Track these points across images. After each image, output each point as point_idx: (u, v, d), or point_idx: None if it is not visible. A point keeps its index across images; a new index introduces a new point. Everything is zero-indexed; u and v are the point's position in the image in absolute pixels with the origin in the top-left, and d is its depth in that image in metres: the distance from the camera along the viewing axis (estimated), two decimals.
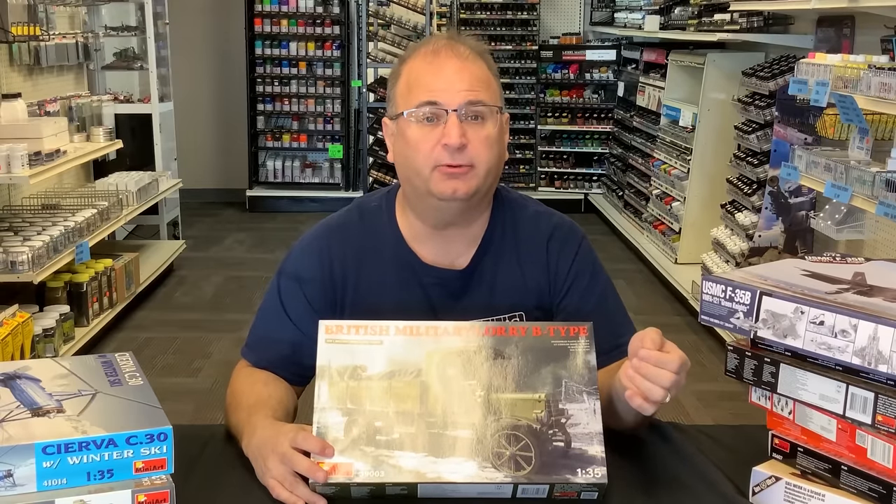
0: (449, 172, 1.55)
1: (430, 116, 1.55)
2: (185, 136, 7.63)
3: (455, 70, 1.56)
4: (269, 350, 1.67)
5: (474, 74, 1.57)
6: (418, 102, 1.55)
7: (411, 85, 1.58)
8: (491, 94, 1.58)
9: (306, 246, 1.71)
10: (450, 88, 1.54)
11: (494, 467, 1.34)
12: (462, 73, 1.56)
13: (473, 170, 1.55)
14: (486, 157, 1.56)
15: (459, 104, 1.54)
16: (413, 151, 1.56)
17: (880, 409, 1.19)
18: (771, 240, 4.80)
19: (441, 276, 1.66)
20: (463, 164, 1.54)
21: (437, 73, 1.56)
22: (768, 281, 1.34)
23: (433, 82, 1.56)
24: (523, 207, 1.72)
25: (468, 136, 1.53)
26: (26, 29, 4.91)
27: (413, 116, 1.56)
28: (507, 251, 1.67)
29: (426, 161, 1.55)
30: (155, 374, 4.40)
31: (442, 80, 1.55)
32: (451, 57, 1.57)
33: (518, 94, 8.72)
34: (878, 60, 3.31)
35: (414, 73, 1.59)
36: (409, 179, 1.61)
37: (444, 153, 1.53)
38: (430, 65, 1.58)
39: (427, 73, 1.57)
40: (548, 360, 1.43)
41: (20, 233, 4.39)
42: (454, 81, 1.55)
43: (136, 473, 1.15)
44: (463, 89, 1.54)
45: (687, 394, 4.30)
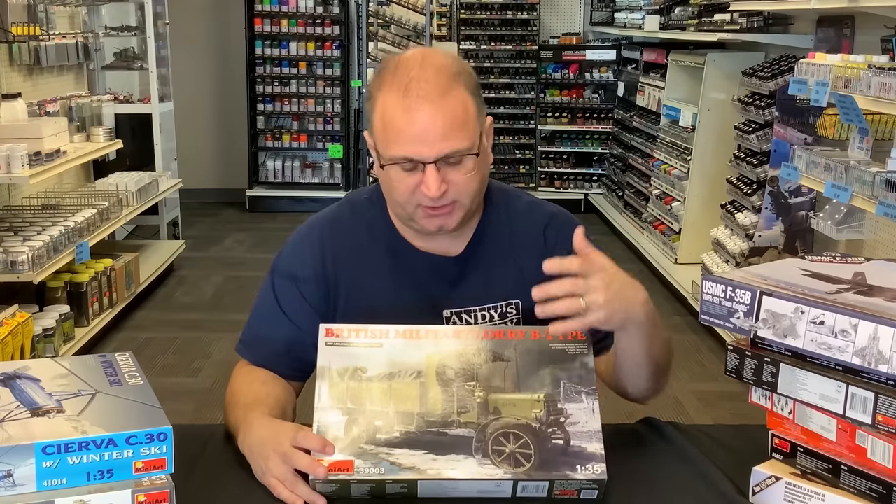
0: (433, 213, 1.55)
1: (408, 168, 1.52)
2: (185, 136, 7.63)
3: (428, 119, 1.48)
4: (265, 347, 1.68)
5: (447, 119, 1.49)
6: (395, 157, 1.51)
7: (386, 129, 1.51)
8: (467, 133, 1.51)
9: (299, 242, 1.71)
10: (425, 140, 1.48)
11: (494, 464, 1.34)
12: (435, 121, 1.48)
13: (457, 203, 1.55)
14: (468, 191, 1.55)
15: (435, 157, 1.49)
16: (394, 191, 1.55)
17: (880, 409, 1.19)
18: (771, 240, 4.80)
19: (435, 263, 1.66)
20: (445, 204, 1.54)
21: (409, 124, 1.48)
22: (768, 281, 1.34)
23: (407, 133, 1.49)
24: (517, 199, 1.73)
25: (448, 178, 1.51)
26: (26, 29, 4.91)
27: (391, 166, 1.53)
28: (502, 241, 1.68)
29: (408, 200, 1.54)
30: (155, 374, 4.40)
31: (416, 132, 1.48)
32: (423, 102, 1.48)
33: (518, 94, 8.72)
34: (878, 60, 3.31)
35: (388, 116, 1.51)
36: (392, 207, 1.63)
37: (426, 197, 1.52)
38: (402, 112, 1.49)
39: (400, 121, 1.49)
40: (546, 362, 1.44)
41: (20, 233, 4.39)
42: (428, 133, 1.48)
43: (135, 473, 1.15)
44: (437, 138, 1.48)
45: (687, 394, 4.31)
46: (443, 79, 1.50)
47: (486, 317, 1.65)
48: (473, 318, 1.65)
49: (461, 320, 1.65)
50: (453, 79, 1.51)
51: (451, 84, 1.51)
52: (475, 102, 1.54)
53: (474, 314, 1.65)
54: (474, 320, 1.65)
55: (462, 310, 1.65)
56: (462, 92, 1.52)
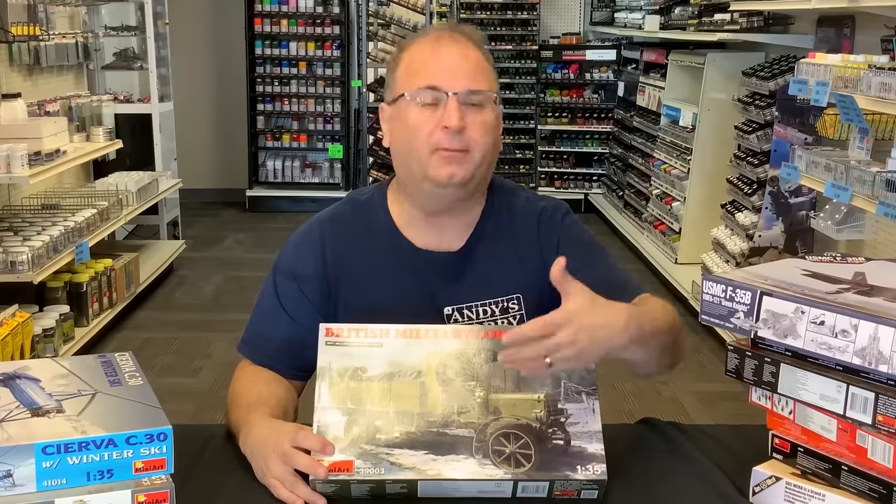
0: (447, 156, 1.56)
1: (430, 100, 1.56)
2: (185, 136, 7.63)
3: (457, 56, 1.59)
4: (267, 346, 1.68)
5: (474, 62, 1.60)
6: (420, 86, 1.57)
7: (412, 70, 1.60)
8: (489, 82, 1.61)
9: (300, 241, 1.72)
10: (451, 74, 1.57)
11: (494, 464, 1.34)
12: (463, 61, 1.59)
13: (469, 155, 1.57)
14: (483, 143, 1.58)
15: (460, 89, 1.56)
16: (412, 134, 1.58)
17: (881, 409, 1.19)
18: (771, 240, 4.80)
19: (435, 259, 1.66)
20: (460, 147, 1.56)
21: (438, 59, 1.59)
22: (768, 281, 1.34)
23: (435, 67, 1.58)
24: (516, 195, 1.74)
25: (466, 120, 1.56)
26: (26, 29, 4.92)
27: (414, 99, 1.58)
28: (502, 237, 1.68)
29: (425, 144, 1.56)
30: (155, 374, 4.40)
31: (443, 66, 1.58)
32: (453, 44, 1.60)
33: (518, 94, 8.72)
34: (878, 60, 3.31)
35: (416, 59, 1.61)
36: (406, 163, 1.62)
37: (443, 136, 1.55)
38: (432, 51, 1.60)
39: (429, 58, 1.60)
40: None
41: (20, 233, 4.39)
42: (455, 67, 1.58)
43: (135, 473, 1.15)
44: (464, 76, 1.57)
45: (687, 394, 4.31)
46: (472, 40, 1.63)
47: (487, 312, 1.65)
48: (475, 314, 1.65)
49: (462, 316, 1.65)
50: (478, 45, 1.64)
51: (477, 47, 1.63)
52: (494, 74, 1.64)
53: (475, 309, 1.65)
54: (475, 316, 1.65)
55: (463, 305, 1.65)
56: (485, 58, 1.63)
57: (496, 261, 1.67)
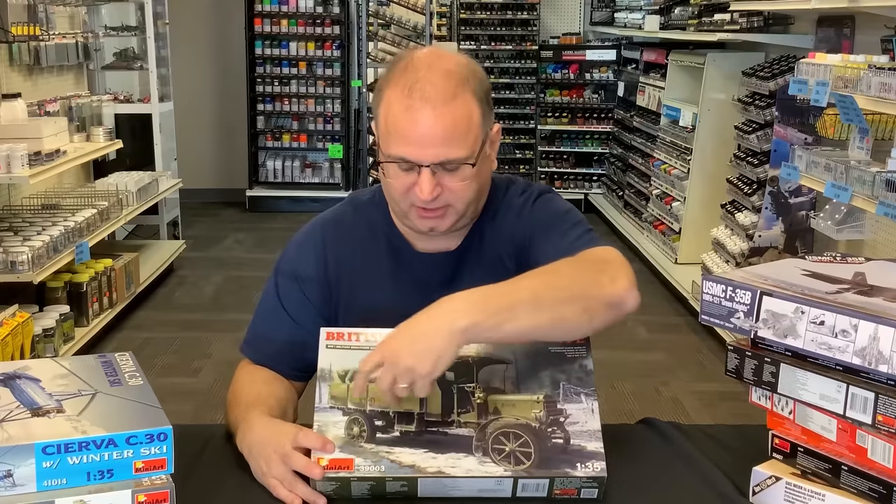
0: (426, 215, 1.56)
1: (404, 168, 1.52)
2: (185, 136, 7.63)
3: (428, 123, 1.47)
4: (268, 347, 1.68)
5: (448, 126, 1.48)
6: (393, 155, 1.51)
7: (388, 127, 1.52)
8: (466, 142, 1.50)
9: (302, 242, 1.72)
10: (422, 143, 1.48)
11: (494, 462, 1.35)
12: (434, 127, 1.47)
13: (451, 208, 1.56)
14: (463, 197, 1.55)
15: (431, 161, 1.49)
16: (391, 188, 1.57)
17: (880, 409, 1.19)
18: (771, 240, 4.80)
19: (433, 261, 1.66)
20: (439, 207, 1.54)
21: (410, 124, 1.48)
22: (768, 281, 1.34)
23: (407, 134, 1.49)
24: (507, 191, 1.72)
25: (443, 183, 1.52)
26: (26, 29, 4.91)
27: (389, 163, 1.54)
28: (495, 234, 1.69)
29: (403, 199, 1.55)
30: (155, 374, 4.40)
31: (414, 134, 1.48)
32: (425, 105, 1.47)
33: (518, 94, 8.72)
34: (878, 60, 3.31)
35: (391, 114, 1.51)
36: (390, 203, 1.64)
37: (418, 198, 1.52)
38: (404, 111, 1.49)
39: (400, 121, 1.49)
40: (546, 364, 1.44)
41: (20, 233, 4.39)
42: (426, 137, 1.48)
43: (136, 473, 1.15)
44: (436, 143, 1.48)
45: (687, 394, 4.31)
46: (450, 84, 1.49)
47: None
48: None
49: None
50: (461, 84, 1.50)
51: (458, 90, 1.50)
52: (481, 110, 1.53)
53: None
54: None
55: None
56: (469, 99, 1.51)
57: (491, 259, 1.67)
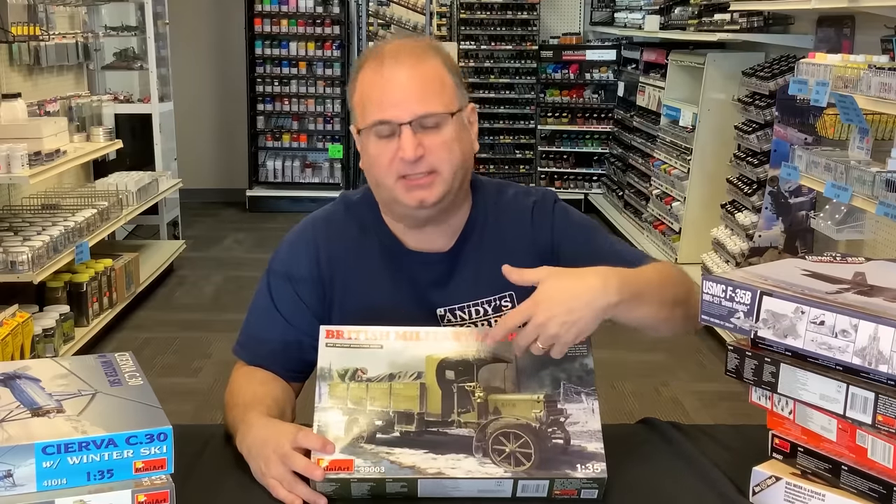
0: (412, 185, 1.55)
1: (386, 133, 1.53)
2: (185, 136, 7.63)
3: (402, 82, 1.52)
4: (262, 347, 1.68)
5: (422, 81, 1.53)
6: (371, 122, 1.53)
7: (364, 101, 1.56)
8: (444, 97, 1.54)
9: (294, 242, 1.72)
10: (398, 102, 1.51)
11: (494, 463, 1.35)
12: (410, 84, 1.52)
13: (438, 175, 1.55)
14: (448, 160, 1.55)
15: (410, 118, 1.51)
16: (375, 166, 1.57)
17: (881, 409, 1.19)
18: (771, 240, 4.80)
19: (425, 261, 1.66)
20: (425, 171, 1.54)
21: (384, 88, 1.52)
22: (768, 281, 1.34)
23: (382, 98, 1.52)
24: (503, 192, 1.73)
25: (425, 144, 1.52)
26: (26, 29, 4.91)
27: (369, 133, 1.55)
28: (491, 235, 1.68)
29: (388, 173, 1.55)
30: (155, 374, 4.40)
31: (389, 95, 1.52)
32: (396, 67, 1.52)
33: (518, 94, 8.72)
34: (878, 60, 3.30)
35: (365, 88, 1.56)
36: (377, 190, 1.63)
37: (404, 165, 1.53)
38: (377, 77, 1.53)
39: (375, 87, 1.53)
40: (546, 363, 1.44)
41: (20, 233, 4.39)
42: (402, 94, 1.51)
43: (136, 473, 1.15)
44: (412, 100, 1.51)
45: (687, 394, 4.31)
46: (418, 49, 1.56)
47: (479, 311, 1.65)
48: (467, 314, 1.65)
49: (455, 317, 1.65)
50: (428, 50, 1.57)
51: (427, 54, 1.56)
52: (452, 79, 1.58)
53: (468, 310, 1.65)
54: (468, 316, 1.65)
55: (455, 306, 1.65)
56: (438, 64, 1.56)
57: (486, 260, 1.66)
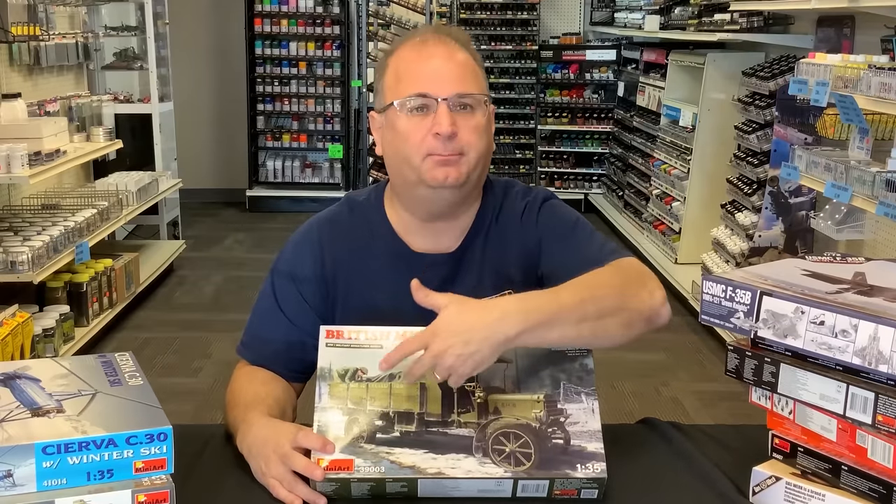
0: (441, 160, 1.55)
1: (420, 107, 1.55)
2: (185, 136, 7.63)
3: (443, 60, 1.57)
4: (265, 348, 1.68)
5: (462, 64, 1.58)
6: (408, 93, 1.56)
7: (400, 76, 1.58)
8: (479, 84, 1.59)
9: (299, 242, 1.72)
10: (439, 79, 1.55)
11: (494, 463, 1.35)
12: (450, 63, 1.57)
13: (464, 157, 1.56)
14: (477, 145, 1.57)
15: (449, 94, 1.54)
16: (403, 142, 1.57)
17: (880, 409, 1.19)
18: (771, 240, 4.80)
19: (430, 262, 1.66)
20: (454, 152, 1.55)
21: (425, 64, 1.57)
22: (768, 281, 1.34)
23: (422, 73, 1.56)
24: (507, 193, 1.73)
25: (458, 124, 1.54)
26: (26, 29, 4.91)
27: (403, 107, 1.56)
28: (494, 236, 1.69)
29: (417, 150, 1.55)
30: (155, 374, 4.40)
31: (431, 71, 1.56)
32: (439, 46, 1.58)
33: (518, 94, 8.72)
34: (878, 60, 3.31)
35: (402, 64, 1.59)
36: (399, 170, 1.62)
37: (435, 142, 1.54)
38: (418, 55, 1.58)
39: (415, 63, 1.58)
40: (546, 363, 1.44)
41: (20, 233, 4.39)
42: (443, 72, 1.56)
43: (136, 473, 1.15)
44: (452, 79, 1.55)
45: (687, 394, 4.31)
46: (458, 41, 1.61)
47: None
48: None
49: None
50: (465, 45, 1.62)
51: (464, 47, 1.61)
52: (483, 74, 1.63)
53: None
54: None
55: None
56: (473, 58, 1.61)
57: (489, 260, 1.67)
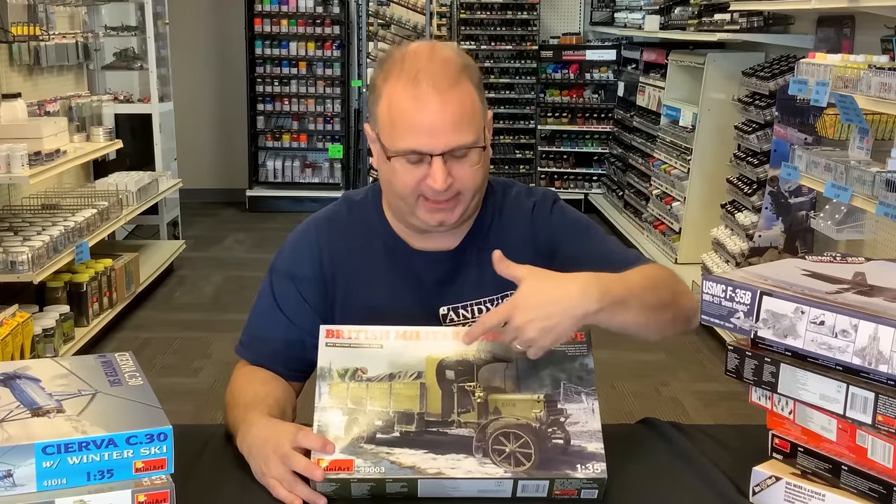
0: (435, 207, 1.55)
1: (414, 161, 1.51)
2: (185, 136, 7.63)
3: (437, 112, 1.48)
4: (265, 347, 1.68)
5: (456, 111, 1.49)
6: (402, 149, 1.50)
7: (394, 120, 1.51)
8: (474, 127, 1.52)
9: (297, 242, 1.72)
10: (433, 133, 1.48)
11: (494, 463, 1.35)
12: (444, 113, 1.48)
13: (460, 197, 1.55)
14: (472, 184, 1.55)
15: (443, 149, 1.49)
16: (397, 184, 1.55)
17: (880, 409, 1.19)
18: (771, 240, 4.80)
19: (430, 259, 1.66)
20: (449, 198, 1.54)
21: (419, 113, 1.48)
22: (768, 281, 1.34)
23: (415, 126, 1.49)
24: (507, 193, 1.73)
25: (453, 172, 1.51)
26: (26, 29, 4.91)
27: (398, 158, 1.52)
28: (495, 234, 1.68)
29: (411, 193, 1.54)
30: (155, 374, 4.40)
31: (424, 124, 1.48)
32: (432, 93, 1.48)
33: (518, 94, 8.72)
34: (878, 60, 3.30)
35: (395, 106, 1.51)
36: (393, 201, 1.62)
37: (430, 190, 1.52)
38: (411, 100, 1.49)
39: (409, 111, 1.49)
40: (546, 363, 1.44)
41: (20, 233, 4.39)
42: (437, 124, 1.48)
43: (136, 473, 1.15)
44: (446, 132, 1.49)
45: (687, 394, 4.31)
46: (451, 71, 1.51)
47: (482, 310, 1.65)
48: (470, 313, 1.65)
49: (458, 316, 1.65)
50: (461, 72, 1.52)
51: (459, 77, 1.52)
52: (479, 97, 1.56)
53: (471, 308, 1.65)
54: (471, 315, 1.65)
55: (458, 305, 1.65)
56: (468, 86, 1.53)
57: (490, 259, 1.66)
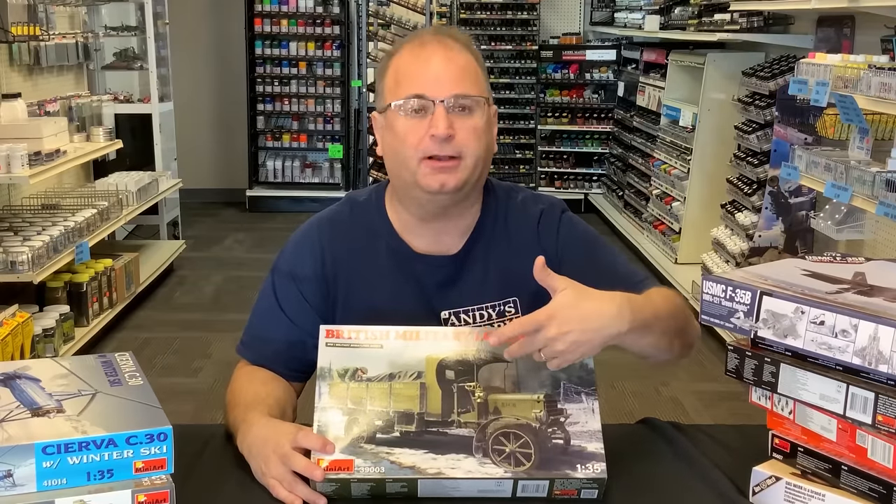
0: (437, 167, 1.55)
1: (417, 108, 1.55)
2: (185, 136, 7.63)
3: (442, 62, 1.57)
4: (266, 347, 1.68)
5: (461, 66, 1.58)
6: (406, 95, 1.56)
7: (399, 78, 1.59)
8: (478, 85, 1.59)
9: (299, 242, 1.72)
10: (437, 80, 1.55)
11: (494, 463, 1.35)
12: (449, 65, 1.57)
13: (461, 161, 1.56)
14: (474, 148, 1.57)
15: (447, 96, 1.54)
16: (401, 143, 1.57)
17: (880, 409, 1.19)
18: (771, 240, 4.80)
19: (432, 263, 1.66)
20: (450, 155, 1.55)
21: (424, 66, 1.57)
22: (768, 281, 1.34)
23: (420, 75, 1.57)
24: (513, 197, 1.73)
25: (455, 126, 1.54)
26: (26, 29, 4.91)
27: (401, 109, 1.57)
28: (499, 239, 1.68)
29: (414, 153, 1.56)
30: (155, 374, 4.40)
31: (429, 73, 1.56)
32: (438, 48, 1.58)
33: (518, 94, 8.72)
34: (878, 60, 3.30)
35: (402, 67, 1.60)
36: (397, 172, 1.62)
37: (432, 144, 1.54)
38: (416, 57, 1.59)
39: (414, 65, 1.58)
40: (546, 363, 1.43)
41: (20, 233, 4.39)
42: (441, 73, 1.56)
43: (136, 473, 1.15)
44: (450, 81, 1.55)
45: (687, 394, 4.31)
46: (458, 44, 1.61)
47: (484, 316, 1.65)
48: (471, 318, 1.65)
49: (459, 320, 1.65)
50: (466, 46, 1.62)
51: (466, 49, 1.61)
52: (484, 75, 1.62)
53: (472, 313, 1.65)
54: (472, 319, 1.65)
55: (460, 309, 1.65)
56: (474, 58, 1.61)
57: (493, 264, 1.66)
